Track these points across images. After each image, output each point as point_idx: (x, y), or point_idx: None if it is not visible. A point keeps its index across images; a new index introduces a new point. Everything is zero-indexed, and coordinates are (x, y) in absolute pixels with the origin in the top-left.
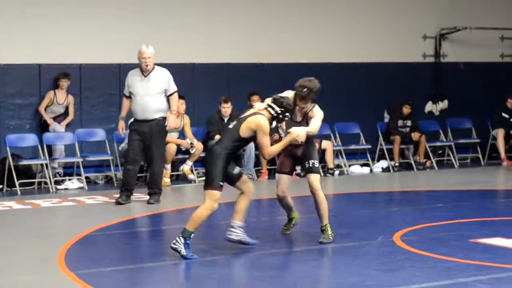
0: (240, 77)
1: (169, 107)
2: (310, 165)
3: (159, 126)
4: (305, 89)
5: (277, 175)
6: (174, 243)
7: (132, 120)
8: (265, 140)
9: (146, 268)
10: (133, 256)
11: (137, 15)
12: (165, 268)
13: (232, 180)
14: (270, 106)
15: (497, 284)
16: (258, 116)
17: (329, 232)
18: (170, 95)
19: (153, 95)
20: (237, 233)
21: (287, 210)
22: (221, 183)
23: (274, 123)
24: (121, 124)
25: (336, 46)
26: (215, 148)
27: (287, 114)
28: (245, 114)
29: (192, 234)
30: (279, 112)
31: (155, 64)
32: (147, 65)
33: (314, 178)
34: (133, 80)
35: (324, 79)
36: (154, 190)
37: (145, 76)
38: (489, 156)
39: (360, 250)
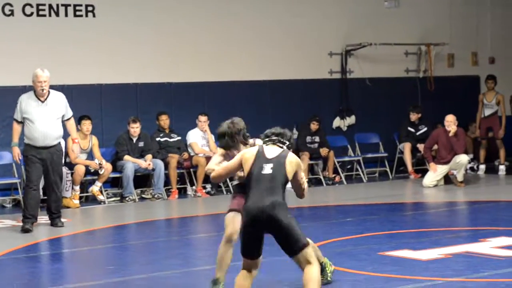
0: (148, 97)
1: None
2: None
3: (59, 152)
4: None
5: (233, 213)
6: None
7: (26, 146)
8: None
9: None
10: (40, 280)
11: (41, 37)
12: None
13: None
14: (281, 142)
15: None
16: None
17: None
18: (67, 120)
19: (53, 121)
20: None
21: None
22: None
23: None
24: (17, 150)
25: (242, 64)
26: (283, 202)
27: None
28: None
29: None
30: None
31: (50, 86)
32: (43, 89)
33: None
34: (29, 105)
35: (232, 97)
36: (58, 214)
37: (42, 102)
38: (396, 170)
39: (270, 266)
